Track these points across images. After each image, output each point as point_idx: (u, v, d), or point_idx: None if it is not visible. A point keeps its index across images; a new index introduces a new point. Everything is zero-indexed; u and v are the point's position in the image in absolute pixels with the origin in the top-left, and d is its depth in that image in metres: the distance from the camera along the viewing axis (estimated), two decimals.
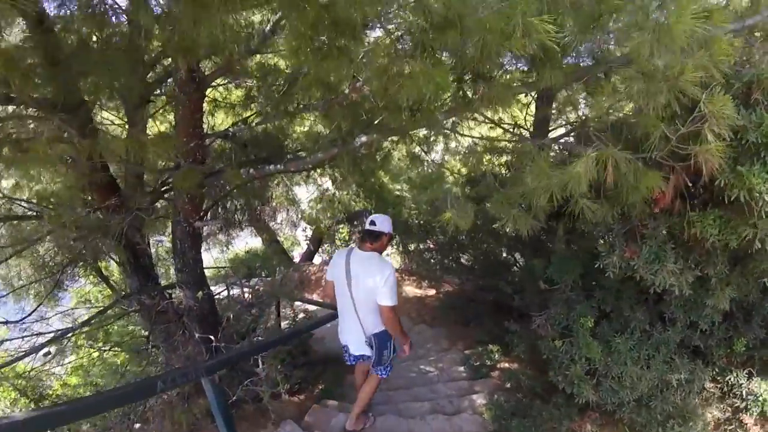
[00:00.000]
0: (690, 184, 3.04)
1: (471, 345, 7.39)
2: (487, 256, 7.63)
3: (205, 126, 5.54)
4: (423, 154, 7.85)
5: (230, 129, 5.01)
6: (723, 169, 2.76)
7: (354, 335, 3.81)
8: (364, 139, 4.05)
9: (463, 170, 8.26)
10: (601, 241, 3.70)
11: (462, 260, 8.24)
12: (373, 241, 3.66)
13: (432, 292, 10.04)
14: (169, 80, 5.04)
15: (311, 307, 8.54)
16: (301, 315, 7.81)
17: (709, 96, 2.52)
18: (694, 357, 4.01)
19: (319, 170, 7.57)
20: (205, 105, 5.80)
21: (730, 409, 4.09)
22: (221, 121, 6.45)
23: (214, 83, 5.34)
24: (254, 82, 4.85)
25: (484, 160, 6.70)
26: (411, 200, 9.98)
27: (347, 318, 3.78)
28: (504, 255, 7.58)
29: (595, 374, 4.05)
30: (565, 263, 4.38)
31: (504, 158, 6.85)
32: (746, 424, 4.01)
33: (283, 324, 7.50)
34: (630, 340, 3.95)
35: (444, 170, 8.55)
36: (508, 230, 3.36)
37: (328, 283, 3.98)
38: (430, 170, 8.68)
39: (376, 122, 4.20)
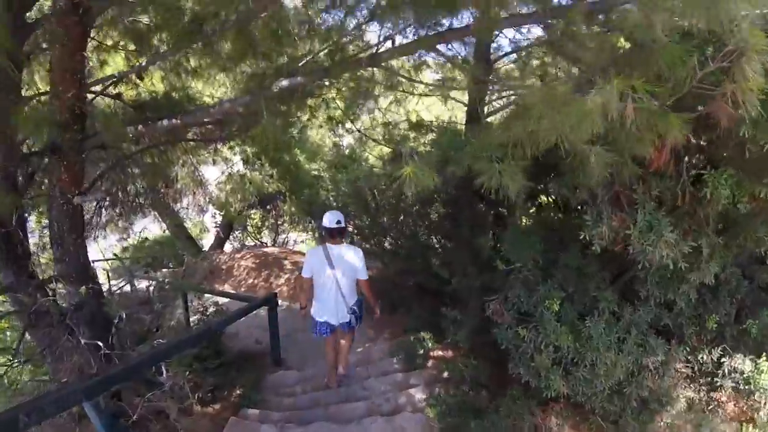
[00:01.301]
0: (693, 140, 2.44)
1: (399, 333, 6.68)
2: (411, 239, 6.94)
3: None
4: (347, 122, 6.89)
5: (117, 74, 3.78)
6: (744, 119, 2.17)
7: (338, 311, 4.46)
8: (285, 83, 3.11)
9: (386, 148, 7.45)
10: (583, 210, 3.06)
11: (385, 244, 7.50)
12: (341, 235, 4.40)
13: None
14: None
15: (222, 300, 7.44)
16: (211, 309, 6.71)
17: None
18: (664, 337, 3.53)
19: (228, 144, 6.45)
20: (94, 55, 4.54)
21: (704, 388, 3.69)
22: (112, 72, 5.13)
23: (104, 22, 4.06)
24: (152, 16, 3.68)
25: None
26: (329, 180, 9.09)
27: (331, 299, 4.41)
28: (430, 237, 6.96)
29: (561, 363, 3.46)
30: (523, 239, 3.73)
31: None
32: (722, 402, 3.62)
33: (193, 319, 6.42)
34: (600, 323, 3.39)
35: (367, 144, 7.63)
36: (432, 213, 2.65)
37: (306, 279, 4.47)
38: (350, 148, 7.82)
39: (302, 63, 3.23)
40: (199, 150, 6.75)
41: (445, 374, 4.99)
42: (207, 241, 13.56)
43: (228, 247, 12.87)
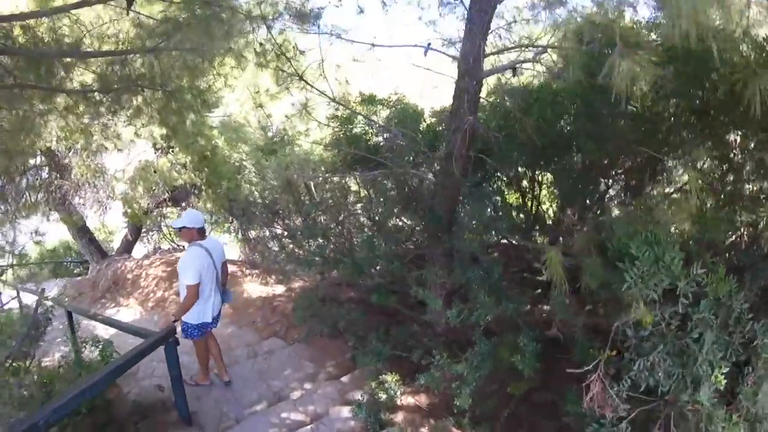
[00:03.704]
0: None
1: (345, 365, 4.77)
2: (365, 245, 4.92)
3: None
4: (287, 64, 4.61)
5: None
6: None
7: (215, 302, 4.10)
8: None
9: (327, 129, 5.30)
10: None
11: (327, 251, 5.40)
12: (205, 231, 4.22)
13: (281, 289, 6.90)
14: None
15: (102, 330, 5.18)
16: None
17: None
18: None
19: (112, 109, 4.24)
20: None
21: None
22: None
23: None
24: None
25: None
26: (253, 169, 6.99)
27: (215, 290, 4.07)
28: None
29: None
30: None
31: None
32: None
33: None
34: None
35: (306, 118, 5.39)
36: None
37: (196, 285, 3.84)
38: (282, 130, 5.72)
39: None
40: (80, 111, 4.39)
41: None
42: (117, 244, 10.90)
43: (142, 250, 10.34)
